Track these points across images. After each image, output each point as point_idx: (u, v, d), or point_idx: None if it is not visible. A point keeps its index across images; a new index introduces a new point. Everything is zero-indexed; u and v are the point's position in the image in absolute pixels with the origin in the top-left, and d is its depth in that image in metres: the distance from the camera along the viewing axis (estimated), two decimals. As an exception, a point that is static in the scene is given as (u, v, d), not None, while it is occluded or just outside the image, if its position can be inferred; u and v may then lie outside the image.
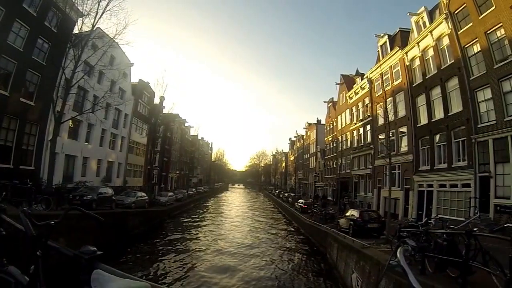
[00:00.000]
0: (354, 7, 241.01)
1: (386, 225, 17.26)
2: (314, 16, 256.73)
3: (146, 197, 27.05)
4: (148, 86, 40.11)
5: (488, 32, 16.39)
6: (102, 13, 19.11)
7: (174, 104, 72.68)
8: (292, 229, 30.27)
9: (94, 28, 19.78)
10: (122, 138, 34.46)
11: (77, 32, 20.11)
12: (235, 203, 62.14)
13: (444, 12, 19.44)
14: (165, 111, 42.54)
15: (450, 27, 19.20)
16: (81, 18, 19.70)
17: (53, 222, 1.89)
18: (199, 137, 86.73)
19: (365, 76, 33.15)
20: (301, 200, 37.79)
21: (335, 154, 42.73)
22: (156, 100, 41.86)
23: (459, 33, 18.56)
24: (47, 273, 1.70)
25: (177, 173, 60.72)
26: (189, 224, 29.59)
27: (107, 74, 26.67)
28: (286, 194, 53.39)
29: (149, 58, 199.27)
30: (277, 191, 68.90)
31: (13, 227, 1.99)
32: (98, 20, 19.20)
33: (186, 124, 68.65)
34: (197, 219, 33.08)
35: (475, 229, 6.48)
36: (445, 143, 20.11)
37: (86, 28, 19.48)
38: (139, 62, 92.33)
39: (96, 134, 28.74)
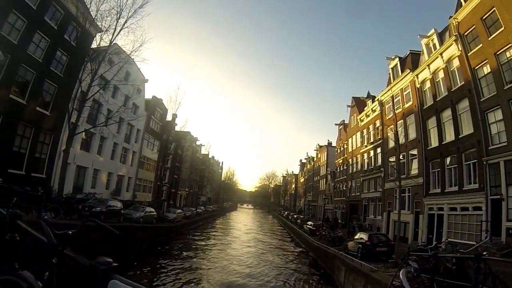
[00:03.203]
0: (366, 30, 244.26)
1: (395, 248, 16.89)
2: (326, 39, 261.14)
3: (155, 213, 26.98)
4: (161, 102, 40.77)
5: (498, 53, 16.38)
6: (120, 30, 20.05)
7: (186, 122, 74.50)
8: (300, 251, 29.63)
9: (112, 44, 20.62)
10: (133, 152, 34.95)
11: (95, 47, 21.03)
12: (243, 223, 61.73)
13: (454, 34, 19.59)
14: (177, 128, 43.23)
15: (460, 49, 19.28)
16: (99, 34, 20.67)
17: (70, 232, 1.95)
18: (210, 156, 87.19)
19: (376, 99, 33.22)
20: (310, 222, 37.32)
21: (345, 176, 42.29)
22: (169, 117, 42.57)
23: (469, 54, 18.58)
24: (61, 281, 1.75)
25: (187, 190, 60.83)
26: (197, 242, 29.37)
27: (122, 89, 27.45)
28: (295, 216, 52.96)
29: (162, 76, 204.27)
30: (286, 213, 68.30)
31: (29, 234, 2.01)
32: (116, 37, 20.08)
33: (197, 143, 69.26)
34: (205, 238, 32.87)
35: (484, 253, 6.28)
36: (456, 165, 19.73)
37: (104, 43, 20.36)
38: (153, 78, 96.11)
39: (108, 147, 29.24)
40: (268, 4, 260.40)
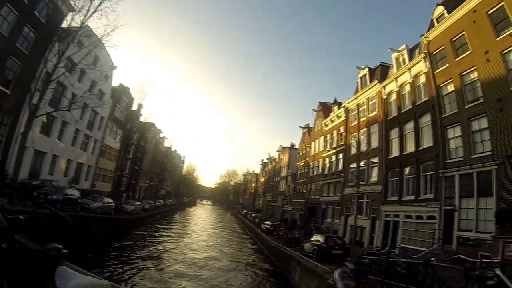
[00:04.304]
0: (339, 37, 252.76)
1: (350, 251, 17.38)
2: (297, 43, 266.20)
3: (113, 204, 26.44)
4: (128, 91, 40.02)
5: (463, 74, 17.44)
6: (93, 12, 19.17)
7: (151, 113, 72.10)
8: (257, 250, 29.76)
9: (83, 26, 19.68)
10: (95, 140, 33.81)
11: (65, 26, 19.89)
12: (202, 219, 61.84)
13: (424, 51, 20.62)
14: (141, 119, 42.57)
15: (428, 66, 20.32)
16: (71, 13, 19.62)
17: (22, 217, 1.87)
18: (173, 149, 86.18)
19: (342, 105, 34.12)
20: (267, 222, 37.52)
21: (305, 179, 43.08)
22: (134, 107, 41.81)
23: (435, 72, 19.62)
24: (9, 266, 1.71)
25: (147, 182, 59.83)
26: (153, 235, 29.13)
27: (89, 74, 26.44)
28: (253, 215, 53.34)
29: (132, 65, 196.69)
30: (244, 211, 68.72)
31: None
32: (88, 18, 19.23)
33: (161, 135, 68.17)
34: (161, 232, 32.63)
35: (432, 259, 6.63)
36: (414, 176, 20.73)
37: (75, 24, 19.41)
38: (122, 66, 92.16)
39: (69, 133, 27.98)
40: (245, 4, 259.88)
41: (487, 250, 13.00)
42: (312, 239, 19.64)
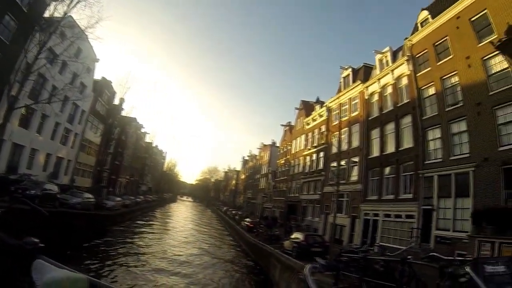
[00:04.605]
0: (324, 36, 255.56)
1: (329, 249, 17.59)
2: (282, 43, 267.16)
3: (93, 200, 25.83)
4: (110, 85, 39.47)
5: (444, 77, 17.96)
6: (77, 2, 18.65)
7: (133, 108, 70.80)
8: (237, 247, 29.75)
9: (66, 16, 19.08)
10: (75, 134, 32.93)
11: (48, 16, 19.22)
12: (182, 215, 61.79)
13: (407, 54, 21.08)
14: (123, 113, 42.30)
15: (410, 69, 20.80)
16: (54, 3, 18.77)
17: None
18: (154, 145, 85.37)
19: (324, 104, 34.50)
20: (247, 219, 37.42)
21: (286, 177, 43.32)
22: (116, 101, 41.22)
23: (417, 75, 20.12)
24: None
25: (127, 178, 59.07)
26: (134, 231, 28.91)
27: (70, 66, 25.69)
28: (234, 212, 53.32)
29: (115, 58, 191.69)
30: (224, 208, 68.63)
31: None
32: (71, 9, 18.68)
33: (142, 130, 67.62)
34: (142, 228, 32.38)
35: (409, 256, 6.81)
36: (394, 175, 21.18)
37: (58, 14, 18.71)
38: (105, 59, 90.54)
39: (49, 127, 27.06)
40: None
41: (464, 248, 13.44)
42: (292, 236, 19.75)
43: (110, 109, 39.94)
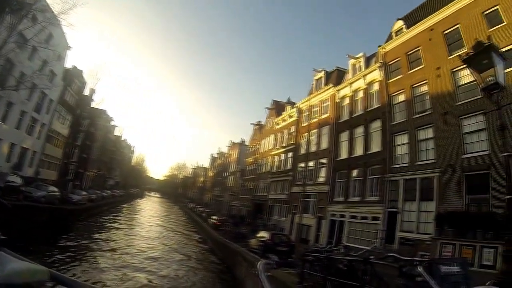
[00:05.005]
0: (299, 39, 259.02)
1: (295, 249, 17.80)
2: (258, 43, 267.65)
3: (58, 193, 24.73)
4: (81, 75, 37.81)
5: (414, 85, 18.74)
6: None
7: (103, 100, 68.04)
8: (203, 244, 29.28)
9: None
10: (42, 124, 30.79)
11: None
12: (149, 211, 60.88)
13: (380, 61, 21.76)
14: (93, 105, 40.76)
15: (382, 76, 21.48)
16: None
17: None
18: (123, 138, 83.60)
19: (295, 105, 34.81)
20: (214, 217, 37.19)
21: (254, 176, 43.30)
22: (86, 92, 39.72)
23: (389, 81, 20.83)
24: None
25: (95, 172, 57.07)
26: (99, 227, 28.27)
27: (40, 52, 24.30)
28: (201, 209, 53.00)
29: (88, 48, 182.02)
30: (192, 205, 68.21)
31: None
32: None
33: (112, 123, 65.69)
34: (108, 224, 31.51)
35: (371, 256, 7.00)
36: (361, 178, 21.77)
37: None
38: (78, 48, 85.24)
39: (14, 115, 25.16)
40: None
41: (427, 250, 14.08)
42: (259, 235, 19.86)
43: (80, 100, 38.20)
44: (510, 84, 12.27)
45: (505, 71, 5.81)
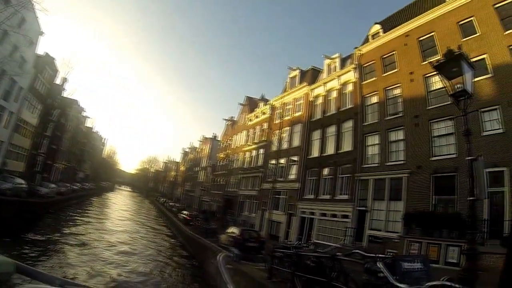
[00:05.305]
0: (274, 39, 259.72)
1: (265, 245, 17.89)
2: (236, 38, 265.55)
3: (25, 185, 23.52)
4: (53, 62, 35.66)
5: (387, 88, 19.31)
6: None
7: (75, 90, 64.99)
8: (174, 239, 28.83)
9: None
10: (10, 113, 28.86)
11: None
12: (120, 205, 59.46)
13: (355, 62, 22.20)
14: (64, 94, 39.02)
15: (356, 77, 21.94)
16: None
17: None
18: (94, 130, 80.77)
19: (269, 102, 34.84)
20: (185, 212, 36.72)
21: (225, 171, 43.07)
22: (58, 81, 37.79)
23: (363, 83, 21.32)
24: None
25: (64, 164, 54.48)
26: (68, 220, 27.40)
27: (11, 36, 22.90)
28: (172, 204, 52.44)
29: (64, 35, 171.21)
30: (163, 199, 67.33)
31: None
32: None
33: (83, 113, 63.42)
34: (77, 217, 30.41)
35: (338, 253, 7.21)
36: (331, 176, 22.13)
37: None
38: (52, 34, 79.39)
39: None
40: None
41: (394, 247, 14.57)
42: (229, 231, 19.79)
43: (51, 89, 36.12)
44: (478, 93, 13.02)
45: (474, 79, 6.16)
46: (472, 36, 15.01)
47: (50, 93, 35.75)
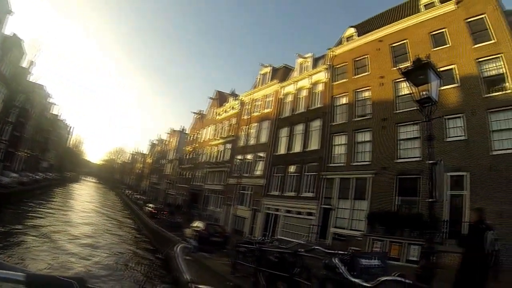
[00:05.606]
0: (249, 34, 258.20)
1: (229, 239, 17.94)
2: (211, 31, 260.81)
3: None
4: (21, 44, 33.49)
5: (357, 90, 19.80)
6: None
7: (42, 75, 61.44)
8: (139, 232, 27.96)
9: None
10: None
11: None
12: (85, 196, 57.12)
13: (327, 63, 22.54)
14: (31, 78, 37.95)
15: (328, 77, 22.27)
16: None
17: None
18: (60, 118, 76.20)
19: (238, 97, 34.57)
20: (151, 205, 35.89)
21: (192, 165, 42.46)
22: (25, 64, 35.90)
23: (333, 84, 21.70)
24: None
25: (27, 152, 51.32)
26: (31, 211, 26.10)
27: None
28: (137, 196, 51.46)
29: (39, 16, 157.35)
30: (128, 192, 65.82)
31: None
32: None
33: (50, 100, 59.81)
34: (40, 209, 28.85)
35: (300, 249, 7.40)
36: (297, 174, 22.35)
37: None
38: (23, 13, 71.74)
39: None
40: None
41: (358, 245, 14.96)
42: (194, 225, 19.69)
43: (16, 72, 33.81)
44: (444, 100, 13.67)
45: (442, 88, 6.46)
46: (443, 47, 15.74)
47: (15, 77, 33.58)
